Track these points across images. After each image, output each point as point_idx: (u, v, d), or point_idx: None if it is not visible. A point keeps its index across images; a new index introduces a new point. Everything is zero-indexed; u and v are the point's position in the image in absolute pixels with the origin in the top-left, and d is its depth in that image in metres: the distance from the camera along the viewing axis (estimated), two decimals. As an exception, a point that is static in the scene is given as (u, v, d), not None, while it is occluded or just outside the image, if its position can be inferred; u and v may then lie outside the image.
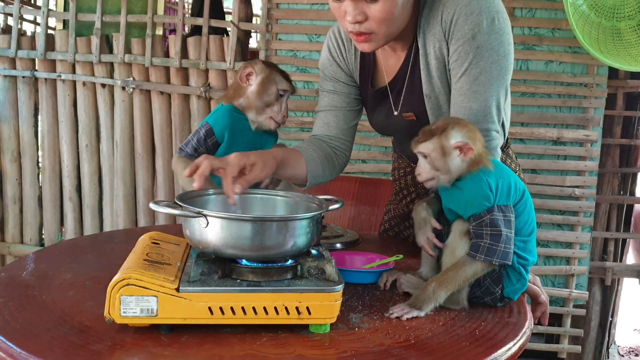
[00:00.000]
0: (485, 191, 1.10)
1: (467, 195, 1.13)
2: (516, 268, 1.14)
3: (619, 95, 2.64)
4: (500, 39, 1.28)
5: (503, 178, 1.13)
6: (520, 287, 1.16)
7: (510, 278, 1.14)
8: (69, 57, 2.89)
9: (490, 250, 1.09)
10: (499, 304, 1.15)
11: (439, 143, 1.13)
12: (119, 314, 0.91)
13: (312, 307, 0.95)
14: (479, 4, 1.26)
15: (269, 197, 1.19)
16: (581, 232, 2.62)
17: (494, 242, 1.09)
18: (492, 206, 1.10)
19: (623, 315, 3.65)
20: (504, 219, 1.10)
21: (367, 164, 2.72)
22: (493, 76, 1.29)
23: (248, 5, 2.85)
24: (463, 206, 1.14)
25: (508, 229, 1.10)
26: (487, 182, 1.11)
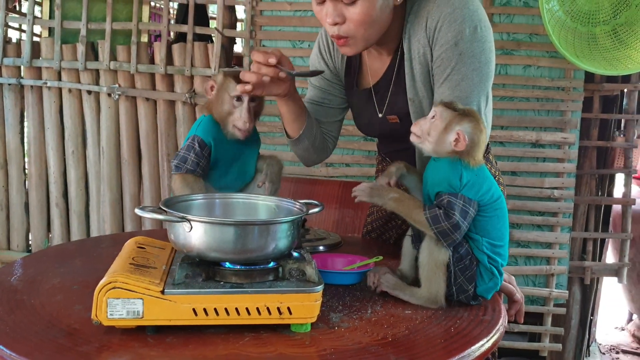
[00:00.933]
0: (453, 177, 1.15)
1: (440, 173, 1.18)
2: (488, 267, 1.18)
3: (595, 98, 2.70)
4: (482, 46, 1.33)
5: (478, 178, 1.17)
6: (493, 286, 1.20)
7: (483, 277, 1.18)
8: (55, 65, 2.91)
9: (436, 219, 1.13)
10: (473, 302, 1.20)
11: (450, 118, 1.17)
12: (106, 316, 0.95)
13: (293, 307, 0.99)
14: (462, 12, 1.31)
15: (251, 202, 1.23)
16: (560, 232, 2.68)
17: (444, 218, 1.13)
18: (456, 193, 1.14)
19: (604, 313, 3.73)
20: (462, 208, 1.13)
21: (350, 167, 2.76)
22: (474, 82, 1.34)
23: (232, 12, 2.88)
24: (434, 181, 1.19)
25: (462, 217, 1.13)
26: (461, 172, 1.15)
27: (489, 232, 1.18)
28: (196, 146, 1.38)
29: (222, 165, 1.42)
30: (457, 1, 1.33)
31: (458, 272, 1.16)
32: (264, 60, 1.30)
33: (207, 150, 1.39)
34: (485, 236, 1.18)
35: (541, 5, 2.21)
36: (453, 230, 1.13)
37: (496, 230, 1.19)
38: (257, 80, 1.31)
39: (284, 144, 2.77)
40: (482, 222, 1.17)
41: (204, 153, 1.38)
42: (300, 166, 2.74)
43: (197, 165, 1.37)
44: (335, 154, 2.27)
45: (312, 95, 1.59)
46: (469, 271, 1.17)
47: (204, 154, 1.38)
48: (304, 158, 1.63)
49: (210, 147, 1.39)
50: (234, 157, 1.44)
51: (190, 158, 1.37)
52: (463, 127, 1.16)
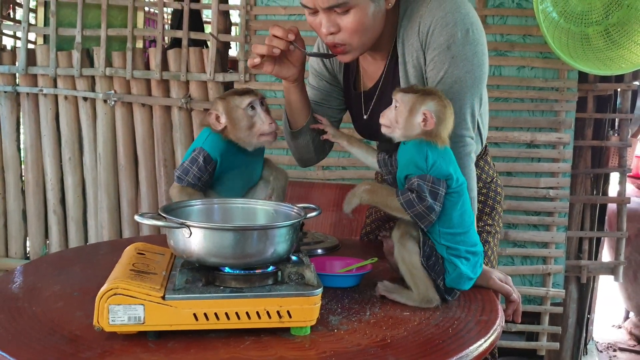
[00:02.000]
0: (419, 159, 1.17)
1: (407, 155, 1.20)
2: (447, 258, 1.19)
3: (589, 98, 2.72)
4: (474, 49, 1.35)
5: (444, 159, 1.18)
6: (458, 277, 1.20)
7: (447, 269, 1.20)
8: (50, 72, 2.91)
9: (410, 203, 1.15)
10: (448, 296, 1.22)
11: (413, 101, 1.19)
12: (107, 322, 0.95)
13: (292, 310, 1.00)
14: (454, 16, 1.33)
15: (250, 207, 1.24)
16: (556, 232, 2.70)
17: (417, 201, 1.14)
18: (425, 174, 1.15)
19: (601, 311, 3.75)
20: (431, 189, 1.14)
21: (347, 170, 2.78)
22: (467, 85, 1.35)
23: (227, 17, 2.90)
24: (402, 165, 1.21)
25: (433, 199, 1.14)
26: (426, 153, 1.17)
27: (451, 218, 1.19)
28: (200, 160, 1.35)
29: (229, 177, 1.42)
30: (449, 5, 1.34)
31: (429, 270, 1.19)
32: (283, 35, 1.33)
33: (212, 165, 1.37)
34: (445, 223, 1.18)
35: (535, 5, 2.23)
36: (428, 212, 1.15)
37: (458, 217, 1.20)
38: (268, 51, 1.33)
39: (281, 148, 2.79)
40: (447, 205, 1.18)
41: (208, 168, 1.36)
42: (297, 169, 2.75)
43: (198, 179, 1.36)
44: (332, 156, 2.29)
45: (311, 95, 1.61)
46: (437, 266, 1.19)
47: (207, 169, 1.36)
48: (301, 155, 1.63)
49: (215, 162, 1.37)
50: (242, 168, 1.43)
51: (193, 172, 1.35)
52: (428, 106, 1.18)
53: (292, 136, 1.56)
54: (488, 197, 1.60)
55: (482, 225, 1.58)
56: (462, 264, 1.20)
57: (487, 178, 1.61)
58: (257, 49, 1.35)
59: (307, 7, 1.33)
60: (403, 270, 1.20)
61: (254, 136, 1.38)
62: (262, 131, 1.38)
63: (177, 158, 2.92)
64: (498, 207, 1.62)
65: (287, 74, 1.42)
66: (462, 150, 1.35)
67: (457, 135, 1.34)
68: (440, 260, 1.20)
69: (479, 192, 1.53)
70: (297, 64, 1.41)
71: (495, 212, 1.62)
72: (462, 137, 1.36)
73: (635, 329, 3.67)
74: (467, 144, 1.37)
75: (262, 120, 1.37)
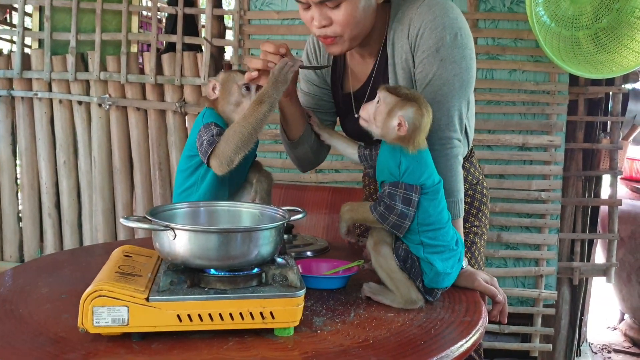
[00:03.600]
0: (392, 166, 1.20)
1: (383, 159, 1.24)
2: (423, 258, 1.21)
3: (580, 101, 2.74)
4: (462, 53, 1.37)
5: (419, 164, 1.20)
6: (436, 276, 1.22)
7: (424, 270, 1.22)
8: (45, 76, 2.93)
9: (383, 216, 1.19)
10: (429, 297, 1.23)
11: (393, 104, 1.21)
12: (91, 324, 0.97)
13: (275, 312, 1.02)
14: (442, 20, 1.36)
15: (235, 209, 1.25)
16: (548, 234, 2.71)
17: (388, 212, 1.18)
18: (397, 181, 1.18)
19: (596, 313, 3.76)
20: (404, 196, 1.18)
21: (340, 173, 2.79)
22: (455, 88, 1.38)
23: (221, 22, 2.92)
24: (378, 167, 1.25)
25: (406, 205, 1.18)
26: (399, 160, 1.19)
27: (429, 214, 1.21)
28: (215, 128, 1.35)
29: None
30: (438, 9, 1.37)
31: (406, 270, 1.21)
32: (274, 50, 1.36)
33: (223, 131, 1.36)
34: (424, 220, 1.20)
35: (528, 9, 2.24)
36: (402, 220, 1.18)
37: (437, 213, 1.22)
38: (263, 66, 1.36)
39: (274, 151, 2.80)
40: (424, 203, 1.20)
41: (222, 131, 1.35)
42: (290, 172, 2.77)
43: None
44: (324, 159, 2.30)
45: (303, 102, 1.62)
46: (414, 268, 1.21)
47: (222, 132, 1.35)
48: (302, 162, 1.65)
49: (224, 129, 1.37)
50: None
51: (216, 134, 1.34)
52: (405, 112, 1.20)
53: (292, 146, 1.58)
54: (474, 199, 1.62)
55: (468, 227, 1.60)
56: (439, 262, 1.21)
57: (473, 180, 1.63)
58: (253, 63, 1.37)
59: (299, 1, 1.36)
60: (383, 277, 1.22)
61: (238, 114, 1.39)
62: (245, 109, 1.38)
63: (171, 161, 2.94)
64: (484, 208, 1.64)
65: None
66: (449, 152, 1.37)
67: (444, 137, 1.37)
68: (416, 262, 1.21)
69: (465, 194, 1.55)
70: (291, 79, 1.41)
71: (482, 213, 1.63)
72: (449, 139, 1.38)
73: (630, 330, 3.68)
74: (454, 146, 1.39)
75: (249, 102, 1.39)
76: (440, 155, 1.36)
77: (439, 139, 1.36)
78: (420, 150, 1.21)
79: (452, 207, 1.36)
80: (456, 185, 1.38)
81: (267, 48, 1.37)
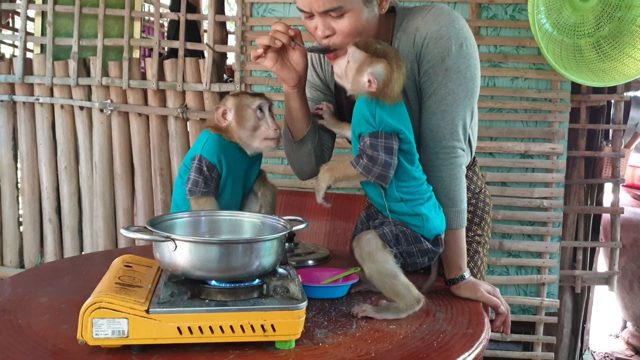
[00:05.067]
0: (368, 115, 1.20)
1: (357, 112, 1.24)
2: (410, 211, 1.23)
3: (582, 109, 2.73)
4: (467, 63, 1.37)
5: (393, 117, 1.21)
6: (428, 222, 1.24)
7: (417, 225, 1.24)
8: (47, 81, 2.93)
9: (367, 168, 1.19)
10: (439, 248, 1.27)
11: (362, 60, 1.22)
12: (91, 336, 0.96)
13: (276, 324, 1.01)
14: (448, 30, 1.36)
15: (236, 219, 1.24)
16: (550, 241, 2.70)
17: (371, 163, 1.19)
18: (376, 131, 1.19)
19: (598, 321, 3.74)
20: (384, 145, 1.18)
21: (342, 180, 2.78)
22: (460, 97, 1.37)
23: (223, 28, 2.91)
24: (354, 120, 1.25)
25: (388, 154, 1.18)
26: (374, 110, 1.20)
27: (406, 170, 1.23)
28: (204, 169, 1.39)
29: (229, 183, 1.44)
30: (444, 19, 1.37)
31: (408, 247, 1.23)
32: (284, 29, 1.37)
33: (215, 172, 1.40)
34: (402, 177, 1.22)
35: (530, 16, 2.24)
36: (386, 169, 1.19)
37: (412, 170, 1.24)
38: (270, 42, 1.36)
39: (275, 157, 2.80)
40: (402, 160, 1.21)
41: (212, 175, 1.39)
42: (291, 179, 2.76)
43: (208, 187, 1.39)
44: (325, 167, 2.29)
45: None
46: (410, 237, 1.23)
47: (212, 176, 1.39)
48: (301, 166, 1.62)
49: (217, 168, 1.40)
50: (244, 171, 1.46)
51: (201, 181, 1.38)
52: (374, 69, 1.20)
53: (295, 146, 1.57)
54: (477, 208, 1.61)
55: (471, 236, 1.59)
56: (425, 209, 1.24)
57: (476, 189, 1.62)
58: (260, 40, 1.38)
59: (303, 11, 1.36)
60: (380, 285, 1.21)
61: (257, 139, 1.42)
62: (266, 135, 1.42)
63: (173, 167, 2.93)
64: (487, 217, 1.63)
65: (287, 75, 1.43)
66: (453, 161, 1.37)
67: (448, 147, 1.37)
68: (407, 231, 1.23)
69: (468, 203, 1.54)
70: (298, 67, 1.43)
71: (485, 222, 1.62)
72: (453, 148, 1.38)
73: (633, 338, 3.67)
74: (458, 155, 1.38)
75: (268, 124, 1.42)
76: (444, 164, 1.36)
77: (443, 148, 1.37)
78: (396, 103, 1.22)
79: (455, 216, 1.36)
80: (460, 194, 1.37)
81: (278, 27, 1.38)
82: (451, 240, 1.36)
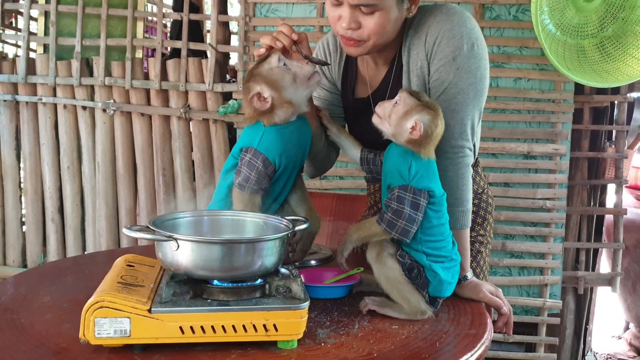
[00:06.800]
0: (403, 168, 1.19)
1: (392, 163, 1.23)
2: (427, 265, 1.21)
3: (586, 110, 2.73)
4: (477, 63, 1.37)
5: (427, 171, 1.20)
6: (439, 284, 1.21)
7: (428, 278, 1.21)
8: (50, 81, 2.93)
9: (391, 224, 1.18)
10: (433, 307, 1.23)
11: (412, 106, 1.21)
12: (93, 335, 0.96)
13: (279, 324, 1.00)
14: (460, 29, 1.36)
15: (239, 219, 1.24)
16: (553, 242, 2.69)
17: (396, 217, 1.17)
18: (406, 185, 1.18)
19: (601, 322, 3.73)
20: (412, 200, 1.17)
21: (344, 180, 2.78)
22: (469, 97, 1.38)
23: (226, 28, 2.92)
24: (386, 170, 1.24)
25: (414, 210, 1.17)
26: (410, 163, 1.19)
27: (433, 225, 1.21)
28: (259, 166, 1.26)
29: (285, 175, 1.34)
30: (456, 19, 1.37)
31: (412, 280, 1.20)
32: (288, 32, 1.35)
33: (271, 169, 1.27)
34: (427, 231, 1.20)
35: (534, 17, 2.24)
36: (410, 225, 1.17)
37: (440, 226, 1.22)
38: (272, 42, 1.35)
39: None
40: (429, 213, 1.20)
41: (267, 172, 1.27)
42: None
43: (258, 184, 1.27)
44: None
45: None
46: (419, 278, 1.20)
47: (267, 173, 1.27)
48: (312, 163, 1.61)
49: (275, 164, 1.28)
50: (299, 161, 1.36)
51: (252, 178, 1.26)
52: (422, 116, 1.20)
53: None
54: (480, 208, 1.61)
55: (474, 236, 1.58)
56: (441, 270, 1.21)
57: (479, 189, 1.62)
58: (263, 40, 1.37)
59: None
60: (387, 289, 1.20)
61: (302, 86, 1.30)
62: (305, 74, 1.30)
63: (175, 167, 2.93)
64: (489, 217, 1.64)
65: None
66: (461, 160, 1.38)
67: (457, 146, 1.37)
68: (422, 271, 1.21)
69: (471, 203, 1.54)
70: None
71: (487, 222, 1.63)
72: (462, 147, 1.38)
73: (635, 340, 3.66)
74: (466, 155, 1.39)
75: (298, 66, 1.30)
76: (453, 163, 1.36)
77: (452, 147, 1.37)
78: (430, 159, 1.21)
79: (460, 216, 1.36)
80: (466, 194, 1.38)
81: (283, 29, 1.36)
82: (456, 240, 1.35)
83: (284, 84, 1.28)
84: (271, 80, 1.28)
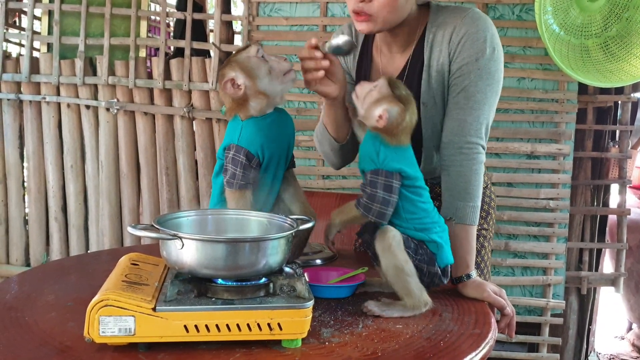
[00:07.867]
0: (372, 153, 1.22)
1: (364, 148, 1.27)
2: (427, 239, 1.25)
3: (589, 109, 2.72)
4: (497, 66, 1.45)
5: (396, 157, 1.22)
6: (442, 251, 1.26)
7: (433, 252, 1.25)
8: (54, 80, 2.93)
9: (367, 207, 1.21)
10: (446, 278, 1.27)
11: (383, 96, 1.23)
12: (98, 333, 0.96)
13: (283, 323, 1.01)
14: (484, 34, 1.44)
15: (243, 217, 1.24)
16: (556, 242, 2.69)
17: (370, 201, 1.21)
18: (377, 169, 1.21)
19: (604, 322, 3.73)
20: (385, 183, 1.20)
21: (347, 179, 2.78)
22: (487, 97, 1.44)
23: (229, 27, 2.92)
24: (360, 155, 1.29)
25: (387, 192, 1.20)
26: (379, 148, 1.22)
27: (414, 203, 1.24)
28: (243, 160, 1.29)
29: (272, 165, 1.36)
30: (482, 23, 1.45)
31: (422, 264, 1.23)
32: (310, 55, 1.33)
33: (255, 161, 1.31)
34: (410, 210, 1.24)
35: (537, 17, 2.23)
36: (384, 207, 1.20)
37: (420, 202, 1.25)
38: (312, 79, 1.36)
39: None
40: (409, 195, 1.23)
41: (252, 165, 1.30)
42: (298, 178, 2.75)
43: (246, 178, 1.30)
44: (331, 166, 2.29)
45: None
46: (426, 256, 1.24)
47: (251, 166, 1.30)
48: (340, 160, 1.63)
49: (258, 157, 1.31)
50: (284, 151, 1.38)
51: (238, 174, 1.29)
52: (391, 107, 1.21)
53: (339, 148, 1.57)
54: (483, 202, 1.61)
55: (478, 229, 1.59)
56: (438, 237, 1.26)
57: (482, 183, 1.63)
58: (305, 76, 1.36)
59: None
60: (394, 281, 1.21)
61: (277, 80, 1.31)
62: (281, 69, 1.31)
63: (179, 166, 2.94)
64: (492, 211, 1.67)
65: (327, 89, 1.40)
66: (476, 157, 1.43)
67: (472, 142, 1.42)
68: (427, 249, 1.24)
69: None
70: (335, 78, 1.40)
71: (490, 216, 1.66)
72: (476, 144, 1.43)
73: (638, 340, 3.65)
74: (480, 152, 1.44)
75: (276, 60, 1.31)
76: (467, 158, 1.41)
77: (467, 143, 1.42)
78: (400, 146, 1.23)
79: (470, 211, 1.40)
80: (477, 190, 1.42)
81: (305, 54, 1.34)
82: (463, 236, 1.38)
83: (259, 73, 1.30)
84: (247, 68, 1.29)
